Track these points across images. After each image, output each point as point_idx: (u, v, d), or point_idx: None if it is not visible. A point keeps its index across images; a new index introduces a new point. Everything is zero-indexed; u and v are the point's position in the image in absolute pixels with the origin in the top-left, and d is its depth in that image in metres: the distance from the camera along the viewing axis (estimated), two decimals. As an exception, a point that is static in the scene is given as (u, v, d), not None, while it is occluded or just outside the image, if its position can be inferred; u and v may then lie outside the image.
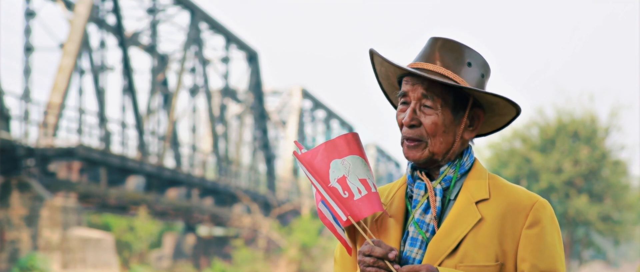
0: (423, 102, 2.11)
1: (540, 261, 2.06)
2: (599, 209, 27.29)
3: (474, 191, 2.11)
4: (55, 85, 23.54)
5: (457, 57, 2.13)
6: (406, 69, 2.10)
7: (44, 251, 20.15)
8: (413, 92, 2.12)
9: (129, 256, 28.00)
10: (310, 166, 2.15)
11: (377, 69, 2.22)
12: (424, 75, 2.07)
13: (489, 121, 2.21)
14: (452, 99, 2.11)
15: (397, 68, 2.13)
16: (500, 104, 2.13)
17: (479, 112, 2.15)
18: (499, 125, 2.22)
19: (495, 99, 2.11)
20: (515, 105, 2.12)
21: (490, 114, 2.19)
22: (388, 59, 2.13)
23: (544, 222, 2.09)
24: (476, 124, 2.16)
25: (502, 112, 2.17)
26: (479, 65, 2.15)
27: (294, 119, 42.92)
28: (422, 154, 2.12)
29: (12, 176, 20.51)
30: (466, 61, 2.14)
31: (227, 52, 35.42)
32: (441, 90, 2.10)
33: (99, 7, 26.35)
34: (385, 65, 2.18)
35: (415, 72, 2.08)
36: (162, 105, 31.80)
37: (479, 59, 2.16)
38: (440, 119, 2.10)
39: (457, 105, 2.12)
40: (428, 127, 2.10)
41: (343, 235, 2.17)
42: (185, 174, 30.31)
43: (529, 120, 28.29)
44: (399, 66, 2.11)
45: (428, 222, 2.11)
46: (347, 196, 2.12)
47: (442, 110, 2.10)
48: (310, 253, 30.25)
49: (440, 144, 2.11)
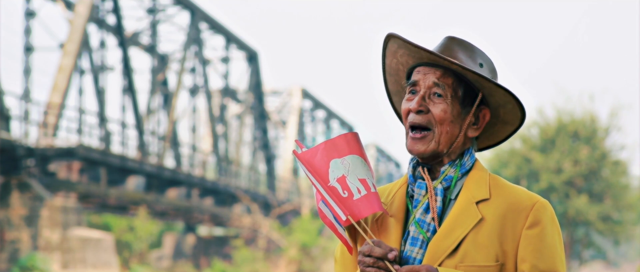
0: (433, 91, 2.11)
1: (541, 261, 2.06)
2: (599, 209, 27.30)
3: (475, 191, 2.11)
4: (55, 85, 23.54)
5: (471, 55, 2.15)
6: (426, 49, 2.10)
7: (44, 251, 20.16)
8: (424, 81, 2.12)
9: (129, 256, 27.99)
10: (309, 165, 2.15)
11: (388, 61, 2.22)
12: (447, 59, 2.08)
13: (491, 130, 2.22)
14: (462, 92, 2.12)
15: (418, 52, 2.12)
16: (507, 107, 2.14)
17: (485, 111, 2.16)
18: (501, 137, 2.23)
19: (503, 99, 2.12)
20: (521, 108, 2.13)
21: (493, 120, 2.19)
22: (411, 41, 2.11)
23: (545, 222, 2.09)
24: (481, 122, 2.16)
25: (507, 118, 2.18)
26: (489, 69, 2.17)
27: (294, 119, 42.93)
28: (428, 147, 2.12)
29: (12, 176, 20.51)
30: (478, 61, 2.16)
31: (227, 52, 35.43)
32: (453, 81, 2.11)
33: (99, 7, 26.35)
34: (399, 54, 2.17)
35: (439, 54, 2.08)
36: (162, 105, 31.81)
37: (490, 64, 2.19)
38: (449, 108, 2.11)
39: (466, 100, 2.13)
40: (437, 115, 2.10)
41: (344, 234, 2.16)
42: (185, 174, 30.31)
43: (529, 120, 28.29)
44: (423, 47, 2.10)
45: (429, 222, 2.11)
46: (347, 195, 2.12)
47: (452, 101, 2.11)
48: (310, 253, 30.25)
49: (446, 135, 2.11)
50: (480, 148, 2.25)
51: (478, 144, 2.24)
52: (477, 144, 2.24)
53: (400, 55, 2.18)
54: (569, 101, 27.96)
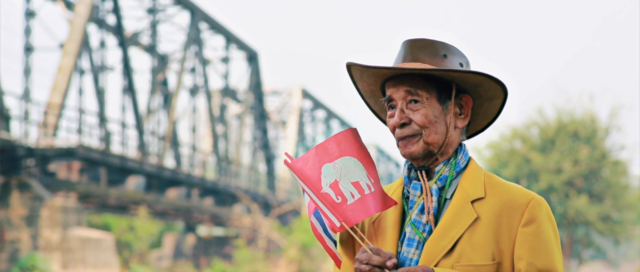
0: (409, 99, 2.12)
1: (537, 258, 2.06)
2: (599, 209, 27.28)
3: (470, 190, 2.11)
4: (55, 85, 23.54)
5: (432, 51, 2.14)
6: (383, 67, 2.11)
7: (44, 251, 20.15)
8: (397, 93, 2.13)
9: (129, 256, 27.99)
10: (301, 174, 2.14)
11: (360, 86, 2.23)
12: (405, 69, 2.09)
13: (481, 110, 2.21)
14: (436, 90, 2.12)
15: (376, 72, 2.14)
16: (484, 85, 2.13)
17: (466, 98, 2.16)
18: (493, 114, 2.21)
19: (477, 79, 2.11)
20: (498, 82, 2.12)
21: (479, 101, 2.18)
22: (368, 65, 2.13)
23: (540, 219, 2.08)
24: (466, 110, 2.16)
25: (489, 95, 2.16)
26: (456, 55, 2.16)
27: (294, 119, 42.92)
28: (418, 146, 2.12)
29: (12, 176, 20.50)
30: (441, 54, 2.14)
31: (227, 52, 35.42)
32: (423, 84, 2.12)
33: (99, 7, 26.35)
34: (365, 77, 2.18)
35: (393, 67, 2.10)
36: (162, 105, 31.80)
37: (455, 50, 2.17)
38: (428, 111, 2.11)
39: (442, 95, 2.13)
40: (418, 121, 2.11)
41: (333, 248, 2.15)
42: (185, 174, 30.30)
43: (529, 120, 28.30)
44: (376, 66, 2.12)
45: (425, 223, 2.11)
46: (340, 201, 2.12)
47: (429, 103, 2.11)
48: (310, 253, 30.24)
49: (434, 135, 2.11)
50: (481, 129, 2.24)
51: (476, 126, 2.24)
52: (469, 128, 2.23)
53: (368, 77, 2.18)
54: (569, 101, 27.97)
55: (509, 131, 28.32)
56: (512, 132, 28.18)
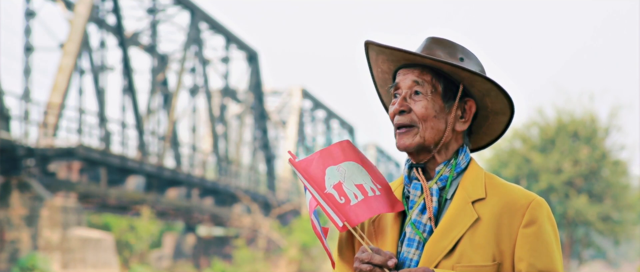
0: (414, 89, 2.13)
1: (538, 260, 2.05)
2: (599, 209, 27.28)
3: (471, 190, 2.11)
4: (55, 85, 23.54)
5: (450, 51, 2.15)
6: (397, 48, 2.12)
7: (44, 251, 20.15)
8: (404, 81, 2.14)
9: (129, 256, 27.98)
10: (306, 173, 2.15)
11: (375, 73, 2.24)
12: (419, 55, 2.09)
13: (485, 124, 2.21)
14: (443, 86, 2.12)
15: (394, 54, 2.14)
16: (491, 94, 2.13)
17: (470, 102, 2.15)
18: (497, 132, 2.21)
19: (485, 86, 2.11)
20: (506, 95, 2.12)
21: (484, 112, 2.18)
22: (386, 44, 2.13)
23: (541, 220, 2.08)
24: (468, 115, 2.15)
25: (496, 108, 2.16)
26: (472, 60, 2.17)
27: (294, 119, 42.92)
28: (413, 140, 2.12)
29: (12, 176, 20.50)
30: (458, 56, 2.15)
31: (227, 52, 35.42)
32: (431, 78, 2.12)
33: (99, 7, 26.36)
34: (380, 62, 2.19)
35: (410, 51, 2.10)
36: (162, 105, 31.80)
37: (472, 57, 2.18)
38: (430, 104, 2.11)
39: (448, 94, 2.13)
40: (418, 112, 2.11)
41: (329, 248, 2.16)
42: (185, 174, 30.30)
43: (529, 120, 28.30)
44: (396, 48, 2.12)
45: (425, 223, 2.10)
46: (344, 201, 2.12)
47: (432, 97, 2.12)
48: (310, 253, 30.24)
49: (431, 130, 2.11)
50: (483, 145, 2.25)
51: (478, 141, 2.24)
52: (471, 142, 2.23)
53: (382, 62, 2.19)
54: (569, 101, 27.97)
55: (509, 131, 28.32)
56: (512, 132, 28.18)
